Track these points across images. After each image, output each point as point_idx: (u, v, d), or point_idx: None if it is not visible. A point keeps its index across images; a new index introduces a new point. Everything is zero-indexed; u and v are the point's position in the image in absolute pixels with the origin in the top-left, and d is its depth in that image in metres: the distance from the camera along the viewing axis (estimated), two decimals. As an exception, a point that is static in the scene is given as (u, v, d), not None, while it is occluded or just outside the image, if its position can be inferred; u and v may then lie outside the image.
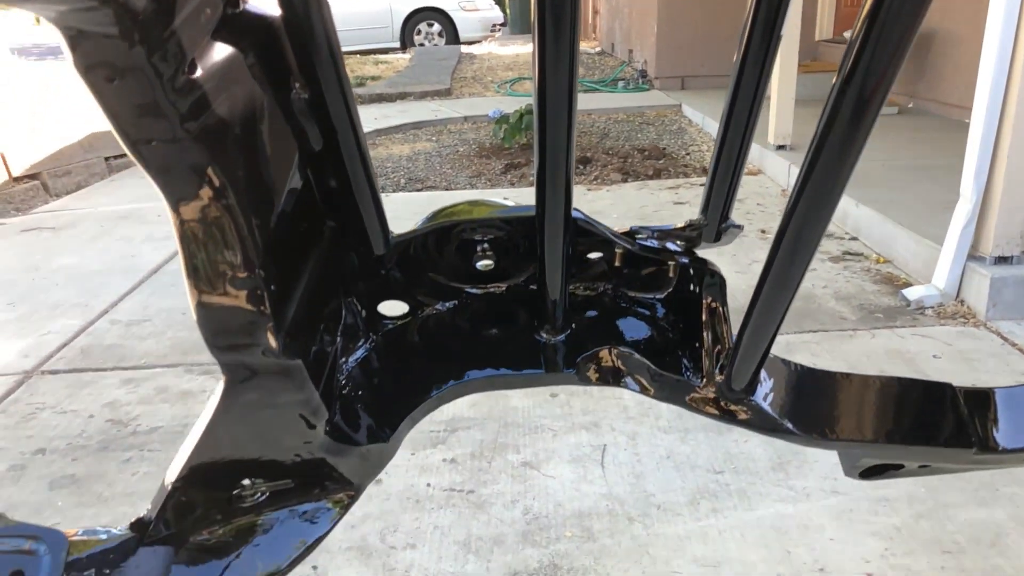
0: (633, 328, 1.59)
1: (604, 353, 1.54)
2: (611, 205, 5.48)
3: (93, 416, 2.88)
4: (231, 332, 0.97)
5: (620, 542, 2.11)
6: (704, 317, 1.49)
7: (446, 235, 1.43)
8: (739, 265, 4.15)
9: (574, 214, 1.33)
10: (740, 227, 1.33)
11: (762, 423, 1.49)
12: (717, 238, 1.36)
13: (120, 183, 6.87)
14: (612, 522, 2.19)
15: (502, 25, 17.60)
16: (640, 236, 1.38)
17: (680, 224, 1.35)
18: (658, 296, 1.59)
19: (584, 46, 16.87)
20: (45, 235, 5.32)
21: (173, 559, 1.23)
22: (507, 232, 1.43)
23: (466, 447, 2.59)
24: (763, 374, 1.49)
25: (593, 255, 1.50)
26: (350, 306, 1.49)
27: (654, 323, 1.58)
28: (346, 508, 1.38)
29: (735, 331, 1.36)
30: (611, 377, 1.53)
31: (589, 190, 5.94)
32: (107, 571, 1.18)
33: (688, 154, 7.02)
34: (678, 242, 1.40)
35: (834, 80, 0.73)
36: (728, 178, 1.28)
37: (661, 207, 5.38)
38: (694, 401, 1.51)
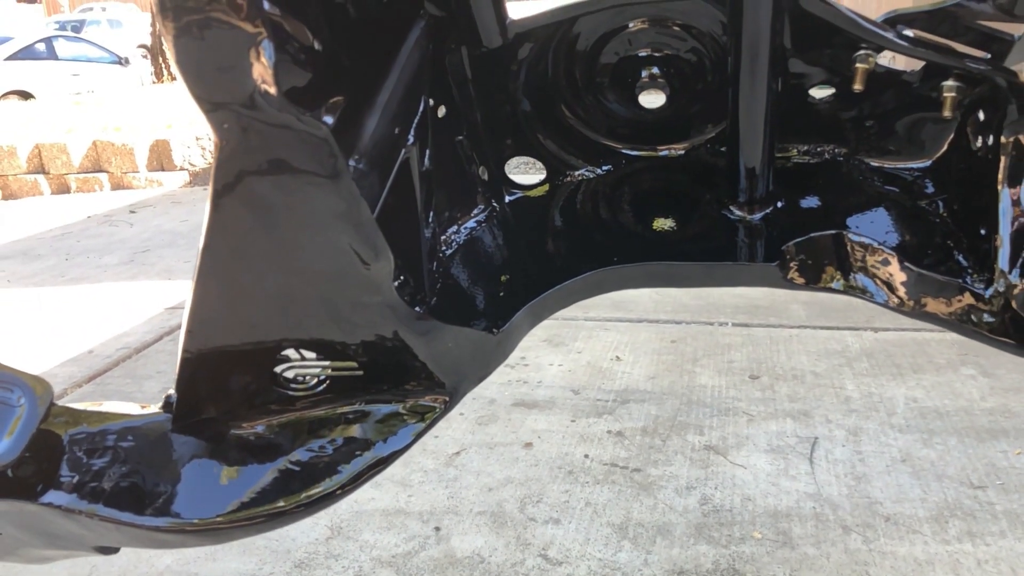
0: (870, 205, 1.08)
1: (825, 240, 1.05)
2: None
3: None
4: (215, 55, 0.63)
5: (829, 554, 1.57)
6: (1002, 181, 0.96)
7: (589, 28, 1.01)
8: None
9: None
10: None
11: None
12: None
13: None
14: (819, 528, 1.65)
15: None
16: (903, 25, 0.88)
17: None
18: (907, 145, 1.06)
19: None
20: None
21: (205, 453, 0.92)
22: (683, 33, 0.99)
23: (637, 421, 2.14)
24: None
25: (815, 69, 1.01)
26: (465, 154, 1.12)
27: (908, 196, 1.06)
28: (436, 419, 1.01)
29: None
30: (835, 276, 1.04)
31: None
32: (133, 457, 0.89)
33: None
34: (968, 36, 0.88)
35: None
36: None
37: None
38: (974, 317, 0.97)
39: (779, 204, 1.04)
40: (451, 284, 1.05)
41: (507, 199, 1.14)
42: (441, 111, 1.02)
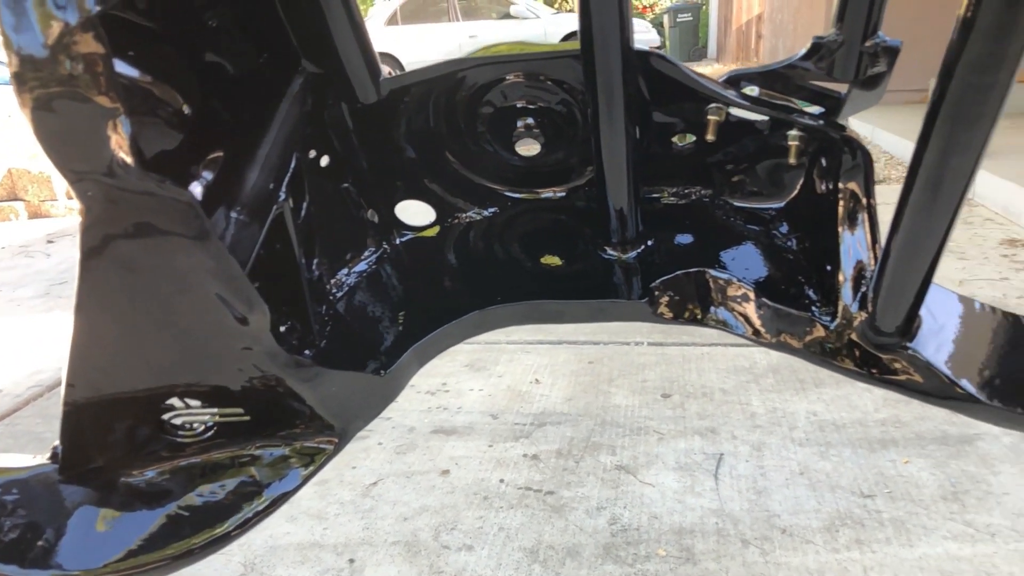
0: (734, 243, 1.15)
1: (689, 277, 1.12)
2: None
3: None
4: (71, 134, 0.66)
5: (728, 568, 1.64)
6: (841, 223, 1.04)
7: (460, 83, 1.07)
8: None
9: (638, 45, 0.93)
10: (896, 48, 0.88)
11: (925, 384, 1.00)
12: (860, 74, 0.91)
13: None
14: (720, 543, 1.72)
15: (658, 48, 17.14)
16: (746, 82, 0.96)
17: (801, 53, 0.92)
18: (762, 188, 1.14)
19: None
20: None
21: (93, 501, 0.93)
22: (548, 87, 1.05)
23: (553, 443, 2.19)
24: (929, 312, 1.02)
25: (670, 120, 1.09)
26: (352, 200, 1.16)
27: (765, 235, 1.14)
28: (325, 460, 1.04)
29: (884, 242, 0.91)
30: (698, 310, 1.11)
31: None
32: (18, 510, 0.90)
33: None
34: (802, 93, 0.96)
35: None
36: None
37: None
38: (822, 348, 1.04)
39: (649, 244, 1.11)
40: (342, 326, 1.08)
41: (398, 241, 1.18)
42: (324, 160, 1.06)
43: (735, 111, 1.01)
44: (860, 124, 7.88)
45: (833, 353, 0.99)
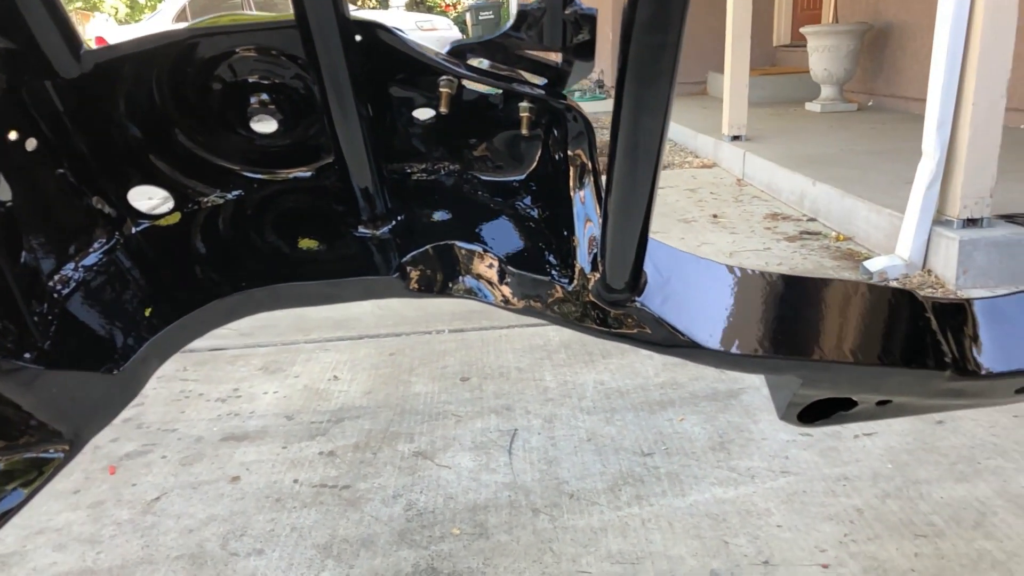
0: (483, 215, 1.18)
1: (439, 250, 1.14)
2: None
3: None
4: None
5: (519, 538, 1.69)
6: (573, 190, 1.10)
7: (179, 55, 1.02)
8: (686, 248, 3.78)
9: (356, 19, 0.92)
10: (592, 15, 0.93)
11: (654, 335, 1.07)
12: (568, 42, 0.96)
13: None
14: (512, 515, 1.77)
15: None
16: (470, 54, 0.98)
17: (511, 22, 0.95)
18: (505, 160, 1.18)
19: (545, 65, 16.76)
20: None
21: None
22: (279, 61, 1.02)
23: (350, 438, 2.16)
24: (655, 269, 1.10)
25: (404, 95, 1.09)
26: (71, 187, 1.07)
27: (510, 206, 1.18)
28: (55, 470, 0.95)
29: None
30: (448, 281, 1.12)
31: (534, 185, 5.58)
32: None
33: (642, 152, 6.71)
34: (524, 64, 1.00)
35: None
36: None
37: (609, 198, 5.01)
38: (563, 309, 1.10)
39: (400, 220, 1.11)
40: (69, 324, 1.00)
41: (134, 230, 1.10)
42: (31, 144, 0.97)
43: (470, 85, 1.04)
44: (648, 114, 8.38)
45: (573, 313, 1.04)
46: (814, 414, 1.22)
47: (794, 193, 4.41)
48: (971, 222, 3.00)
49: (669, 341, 1.02)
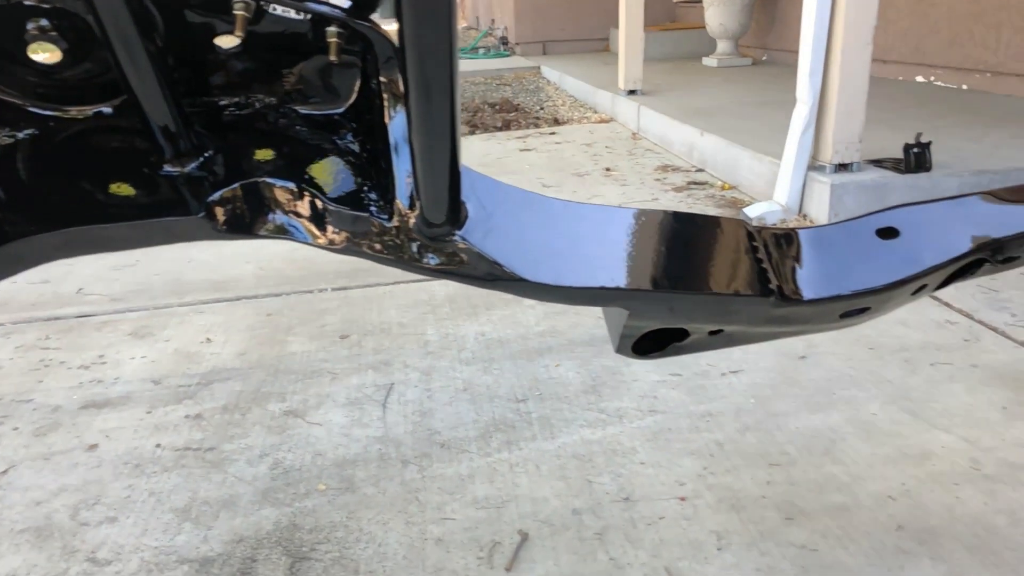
0: (302, 151, 1.13)
1: (250, 188, 1.08)
2: (453, 155, 5.05)
3: None
4: None
5: (385, 490, 1.67)
6: (387, 121, 1.06)
7: None
8: (578, 200, 3.79)
9: None
10: None
11: (476, 269, 1.04)
12: None
13: None
14: (381, 468, 1.74)
15: None
16: None
17: None
18: (321, 92, 1.13)
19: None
20: None
21: None
22: None
23: (219, 400, 2.08)
24: (479, 203, 1.07)
25: (196, 20, 1.03)
26: None
27: (329, 140, 1.13)
28: None
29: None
30: (260, 220, 1.07)
31: (432, 143, 5.50)
32: None
33: (542, 108, 6.68)
34: None
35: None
36: None
37: (506, 154, 4.99)
38: (385, 246, 1.06)
39: (208, 157, 1.04)
40: None
41: None
42: None
43: (271, 9, 0.97)
44: (550, 71, 8.36)
45: (395, 250, 1.01)
46: (649, 345, 1.23)
47: (684, 145, 4.48)
48: (842, 167, 3.11)
49: (492, 275, 1.00)
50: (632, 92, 5.71)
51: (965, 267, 1.25)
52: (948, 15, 5.48)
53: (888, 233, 1.22)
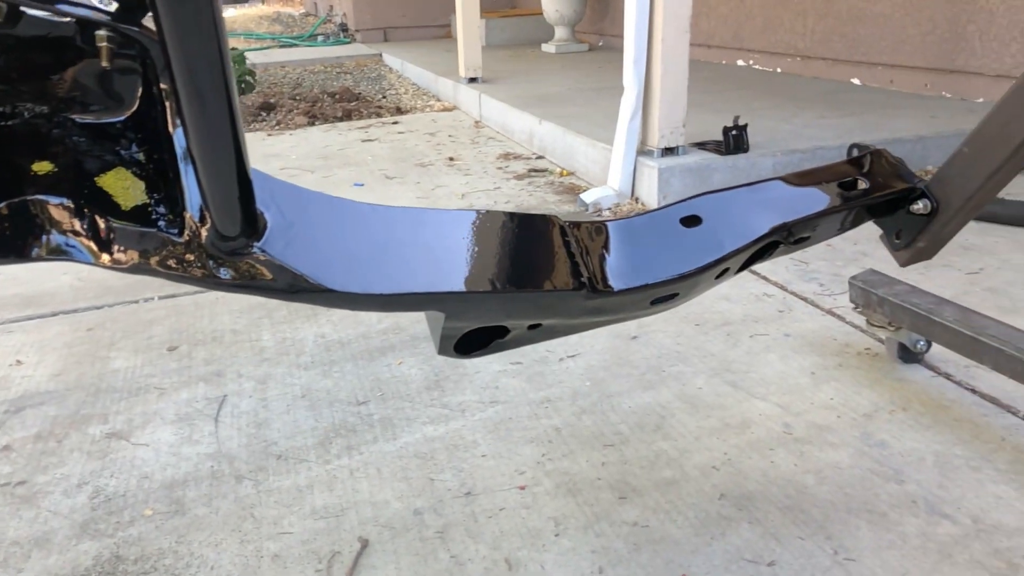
0: (73, 165, 1.05)
1: (18, 207, 0.99)
2: (292, 147, 4.89)
3: None
4: None
5: (219, 509, 1.59)
6: (171, 128, 1.00)
7: None
8: (422, 191, 3.77)
9: None
10: None
11: (278, 282, 1.01)
12: None
13: None
14: (214, 486, 1.66)
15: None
16: None
17: None
18: (101, 99, 1.05)
19: (288, 10, 15.95)
20: None
21: None
22: None
23: (31, 428, 1.92)
24: (279, 211, 1.03)
25: None
26: None
27: (113, 151, 1.06)
28: None
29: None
30: (33, 242, 0.98)
31: (269, 135, 5.29)
32: None
33: (384, 97, 6.58)
34: None
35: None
36: None
37: (348, 145, 4.88)
38: (177, 263, 1.01)
39: (-27, 175, 0.94)
40: None
41: None
42: None
43: (29, 11, 0.89)
44: (392, 59, 8.25)
45: (188, 266, 0.96)
46: (472, 344, 1.24)
47: (524, 132, 4.54)
48: (668, 151, 3.25)
49: (295, 287, 0.97)
50: (473, 80, 5.72)
51: (762, 249, 1.34)
52: (761, 2, 5.85)
53: (691, 221, 1.28)
